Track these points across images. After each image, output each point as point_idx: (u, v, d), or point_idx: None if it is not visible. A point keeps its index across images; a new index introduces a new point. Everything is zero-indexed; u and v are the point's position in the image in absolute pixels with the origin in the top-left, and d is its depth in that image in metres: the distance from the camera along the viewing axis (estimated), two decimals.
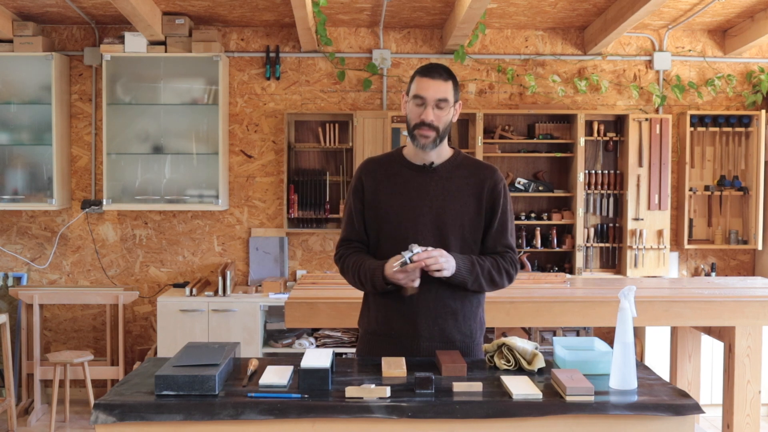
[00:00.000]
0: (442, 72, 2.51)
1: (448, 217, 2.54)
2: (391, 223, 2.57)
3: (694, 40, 5.67)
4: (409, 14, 5.21)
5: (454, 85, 2.53)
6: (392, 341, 2.57)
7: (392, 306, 2.57)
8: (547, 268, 5.57)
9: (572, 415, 2.03)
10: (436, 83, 2.49)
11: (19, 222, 5.57)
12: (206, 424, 2.02)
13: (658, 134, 5.44)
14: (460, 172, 2.59)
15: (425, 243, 2.50)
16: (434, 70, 2.51)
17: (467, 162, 2.63)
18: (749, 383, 3.76)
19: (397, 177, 2.60)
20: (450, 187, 2.56)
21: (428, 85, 2.49)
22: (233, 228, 5.60)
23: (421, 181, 2.57)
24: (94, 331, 5.64)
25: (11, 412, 4.77)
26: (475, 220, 2.57)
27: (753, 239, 5.46)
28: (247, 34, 5.58)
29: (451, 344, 2.56)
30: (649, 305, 3.72)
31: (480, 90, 5.62)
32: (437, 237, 2.53)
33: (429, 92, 2.49)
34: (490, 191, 2.57)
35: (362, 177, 2.64)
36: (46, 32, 5.52)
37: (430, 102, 2.49)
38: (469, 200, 2.56)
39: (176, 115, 5.30)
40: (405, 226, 2.55)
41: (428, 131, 2.50)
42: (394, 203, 2.57)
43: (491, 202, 2.57)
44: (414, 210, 2.55)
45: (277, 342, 5.21)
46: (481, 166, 2.63)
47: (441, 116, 2.50)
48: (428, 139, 2.51)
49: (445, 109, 2.51)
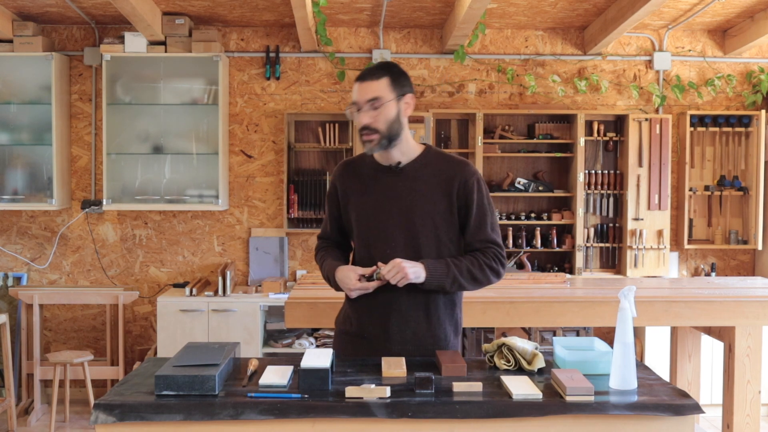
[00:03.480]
0: (375, 71, 2.47)
1: (418, 217, 2.50)
2: (362, 226, 2.56)
3: (694, 40, 5.67)
4: (409, 14, 5.21)
5: (391, 80, 2.46)
6: (364, 342, 2.56)
7: (365, 307, 2.56)
8: (547, 268, 5.57)
9: (572, 415, 2.03)
10: (365, 85, 2.45)
11: (19, 222, 5.57)
12: (206, 424, 2.02)
13: (658, 134, 5.44)
14: (429, 170, 2.53)
15: (396, 245, 2.50)
16: (366, 72, 2.48)
17: (437, 159, 2.56)
18: (749, 383, 3.76)
19: (366, 179, 2.58)
20: (418, 186, 2.52)
21: (358, 89, 2.47)
22: (233, 228, 5.60)
23: (388, 181, 2.54)
24: (94, 331, 5.64)
25: (11, 412, 4.77)
26: (448, 218, 2.52)
27: (753, 239, 5.46)
28: (247, 34, 5.58)
29: (423, 348, 2.53)
30: (649, 305, 3.71)
31: (480, 90, 5.62)
32: (408, 238, 2.50)
33: (359, 95, 2.46)
34: (461, 187, 2.51)
35: (336, 181, 2.65)
36: (46, 32, 5.52)
37: (362, 105, 2.46)
38: (438, 198, 2.51)
39: (176, 115, 5.30)
40: (375, 228, 2.53)
41: (369, 134, 2.47)
42: (364, 206, 2.56)
43: (464, 199, 2.51)
44: (383, 212, 2.52)
45: (277, 342, 5.21)
46: (452, 162, 2.55)
47: (377, 116, 2.45)
48: (372, 142, 2.47)
49: (381, 107, 2.44)
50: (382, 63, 2.53)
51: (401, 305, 2.52)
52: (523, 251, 5.41)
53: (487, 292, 3.90)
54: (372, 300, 2.53)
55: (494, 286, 4.08)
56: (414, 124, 5.24)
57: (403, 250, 2.50)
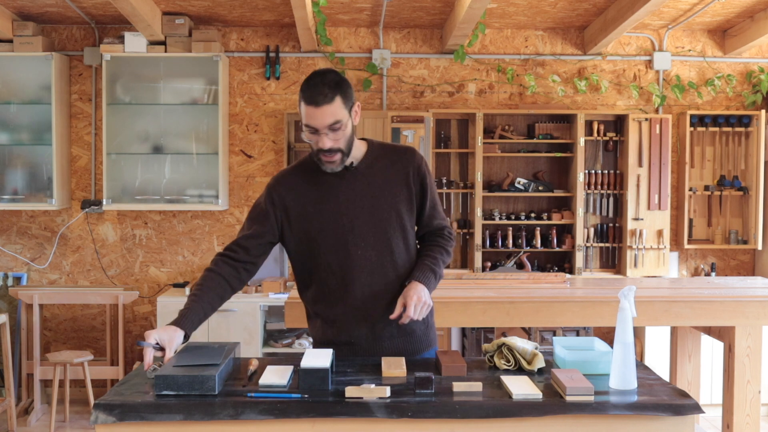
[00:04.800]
0: (326, 92, 2.32)
1: (384, 211, 2.50)
2: (326, 234, 2.49)
3: (694, 40, 5.67)
4: (409, 14, 5.21)
5: (343, 98, 2.35)
6: (353, 349, 2.53)
7: (344, 316, 2.52)
8: (547, 268, 5.57)
9: (572, 415, 2.03)
10: (322, 110, 2.32)
11: (19, 222, 5.57)
12: (206, 424, 2.02)
13: (658, 134, 5.44)
14: (381, 163, 2.53)
15: (366, 244, 2.48)
16: (317, 94, 2.31)
17: (383, 150, 2.56)
18: (749, 383, 3.76)
19: (320, 186, 2.50)
20: (376, 182, 2.51)
21: (314, 114, 2.33)
22: (233, 228, 5.60)
23: (346, 184, 2.50)
24: (94, 331, 5.64)
25: (11, 412, 4.77)
26: (409, 206, 2.54)
27: (753, 239, 5.46)
28: (247, 34, 5.58)
29: (411, 334, 2.56)
30: (649, 305, 3.71)
31: (480, 90, 5.62)
32: (378, 234, 2.50)
33: (317, 121, 2.34)
34: (415, 173, 2.54)
35: (272, 200, 2.52)
36: (46, 32, 5.52)
37: (322, 130, 2.35)
38: (398, 189, 2.52)
39: (176, 115, 5.30)
40: (343, 232, 2.49)
41: (332, 156, 2.41)
42: (326, 212, 2.49)
43: (419, 184, 2.55)
44: (347, 215, 2.49)
45: (277, 342, 5.21)
46: (399, 151, 2.57)
47: (339, 137, 2.38)
48: (335, 162, 2.43)
49: (341, 128, 2.37)
50: (327, 78, 2.36)
51: (382, 306, 2.51)
52: (523, 251, 5.41)
53: (487, 292, 3.91)
54: (348, 309, 2.51)
55: (494, 286, 4.10)
56: (414, 124, 5.25)
57: (374, 246, 2.49)
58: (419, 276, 2.48)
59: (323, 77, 2.36)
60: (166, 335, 2.27)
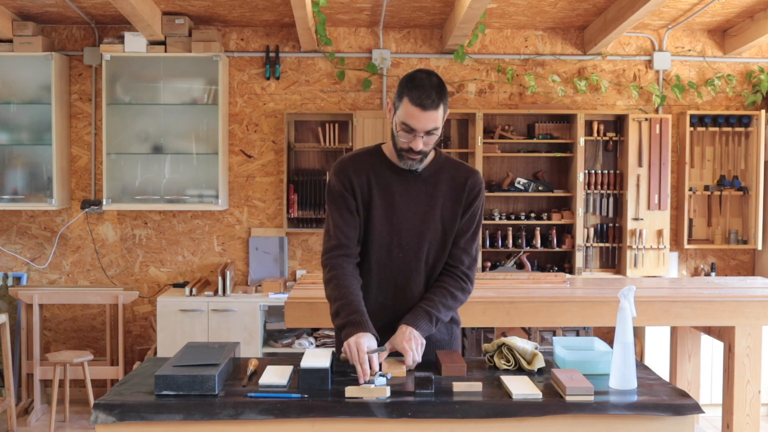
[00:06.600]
0: (434, 98, 2.31)
1: (431, 221, 2.50)
2: (375, 227, 2.50)
3: (693, 40, 5.67)
4: (408, 14, 5.21)
5: (444, 105, 2.35)
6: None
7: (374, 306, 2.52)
8: (547, 268, 5.57)
9: (572, 415, 2.03)
10: (427, 114, 2.31)
11: (19, 222, 5.57)
12: (206, 424, 2.02)
13: (658, 134, 5.44)
14: (444, 175, 2.53)
15: (408, 249, 2.49)
16: (425, 97, 2.29)
17: (449, 163, 2.56)
18: (749, 383, 3.76)
19: (382, 178, 2.50)
20: (433, 191, 2.51)
21: (419, 117, 2.32)
22: (233, 228, 5.60)
23: (406, 184, 2.50)
24: (94, 331, 5.64)
25: (11, 412, 4.77)
26: (453, 224, 2.52)
27: (753, 239, 5.46)
28: (247, 34, 5.58)
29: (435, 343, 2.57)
30: (649, 305, 3.71)
31: (480, 90, 5.62)
32: (419, 243, 2.50)
33: (419, 124, 2.33)
34: (470, 193, 2.52)
35: (348, 177, 2.49)
36: (46, 32, 5.52)
37: (419, 133, 2.35)
38: (450, 204, 2.51)
39: (176, 115, 5.30)
40: (388, 230, 2.50)
41: (416, 155, 2.42)
42: (383, 206, 2.50)
43: (468, 205, 2.52)
44: (400, 215, 2.49)
45: (277, 342, 5.21)
46: (462, 168, 2.56)
47: (430, 141, 2.40)
48: (415, 161, 2.44)
49: (435, 134, 2.38)
50: (433, 80, 2.33)
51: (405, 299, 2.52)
52: (523, 251, 5.41)
53: (487, 292, 3.91)
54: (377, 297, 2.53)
55: (494, 286, 4.10)
56: None
57: (414, 254, 2.50)
58: (412, 322, 2.42)
59: (429, 78, 2.34)
60: (373, 341, 2.30)
